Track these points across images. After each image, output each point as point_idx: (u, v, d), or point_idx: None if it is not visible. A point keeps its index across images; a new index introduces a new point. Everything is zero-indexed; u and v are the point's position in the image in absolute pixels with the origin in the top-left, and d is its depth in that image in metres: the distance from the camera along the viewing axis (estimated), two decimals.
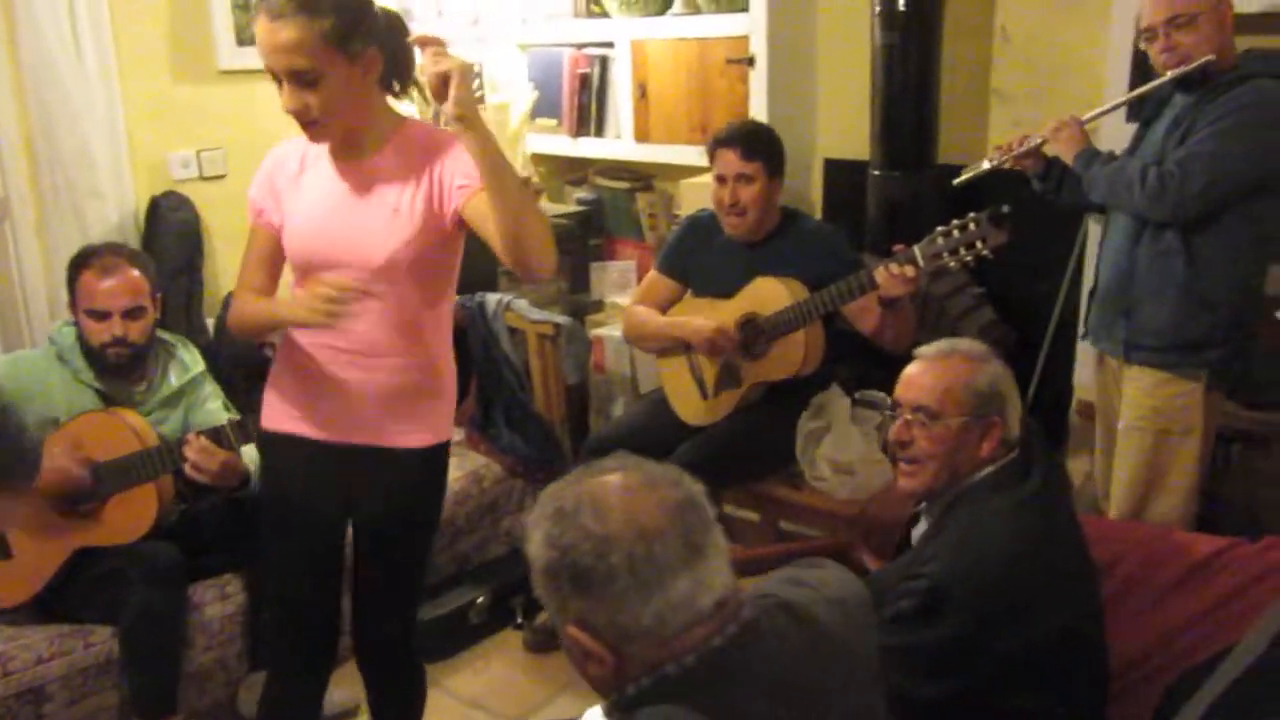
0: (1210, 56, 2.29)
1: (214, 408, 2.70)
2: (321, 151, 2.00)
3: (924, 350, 1.93)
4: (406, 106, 2.13)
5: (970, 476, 1.84)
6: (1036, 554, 1.74)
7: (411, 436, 2.05)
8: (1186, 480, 2.49)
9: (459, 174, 1.90)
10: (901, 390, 1.91)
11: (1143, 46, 2.45)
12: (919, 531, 1.97)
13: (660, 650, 1.14)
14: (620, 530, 1.13)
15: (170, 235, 3.25)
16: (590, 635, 1.14)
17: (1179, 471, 2.48)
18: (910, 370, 1.92)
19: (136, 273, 2.54)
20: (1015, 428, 1.86)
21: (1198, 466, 2.49)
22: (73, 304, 2.56)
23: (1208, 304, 2.36)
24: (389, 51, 1.91)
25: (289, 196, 2.01)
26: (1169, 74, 2.36)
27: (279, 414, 2.09)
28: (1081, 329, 2.76)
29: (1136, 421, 2.51)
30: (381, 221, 1.93)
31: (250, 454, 2.58)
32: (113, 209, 3.14)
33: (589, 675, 1.19)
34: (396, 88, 2.00)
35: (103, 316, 2.51)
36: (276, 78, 1.82)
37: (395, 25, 1.95)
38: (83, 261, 2.54)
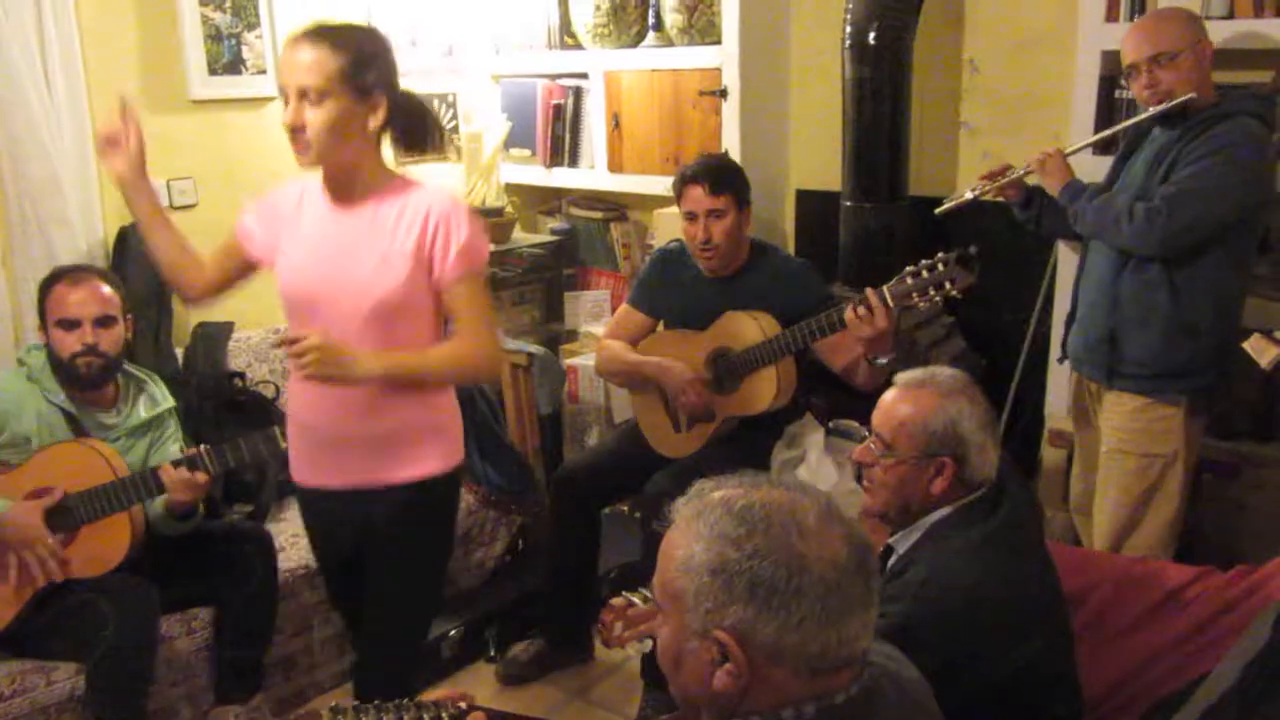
0: (1191, 94, 2.33)
1: (173, 450, 2.64)
2: (317, 193, 2.04)
3: (901, 377, 1.92)
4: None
5: (928, 513, 1.82)
6: (1000, 591, 1.72)
7: (414, 468, 2.09)
8: (1171, 502, 2.52)
9: (448, 259, 1.97)
10: (874, 413, 1.91)
11: (1124, 82, 2.48)
12: (891, 563, 1.96)
13: (804, 684, 1.11)
14: (818, 554, 1.10)
15: (139, 265, 3.20)
16: (741, 646, 1.10)
17: (1164, 494, 2.52)
18: (884, 396, 1.91)
19: (107, 288, 2.54)
20: (981, 468, 1.80)
21: (1181, 489, 2.52)
22: (43, 322, 2.55)
23: (1191, 332, 2.40)
24: (402, 112, 1.99)
25: (286, 235, 2.06)
26: (1151, 110, 2.40)
27: (300, 468, 2.18)
28: (1059, 352, 2.78)
29: (1119, 445, 2.54)
30: (369, 267, 1.97)
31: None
32: (80, 238, 3.11)
33: (705, 685, 1.13)
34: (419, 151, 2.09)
35: (73, 325, 2.49)
36: (285, 98, 1.90)
37: (414, 101, 2.04)
38: (54, 278, 2.55)
